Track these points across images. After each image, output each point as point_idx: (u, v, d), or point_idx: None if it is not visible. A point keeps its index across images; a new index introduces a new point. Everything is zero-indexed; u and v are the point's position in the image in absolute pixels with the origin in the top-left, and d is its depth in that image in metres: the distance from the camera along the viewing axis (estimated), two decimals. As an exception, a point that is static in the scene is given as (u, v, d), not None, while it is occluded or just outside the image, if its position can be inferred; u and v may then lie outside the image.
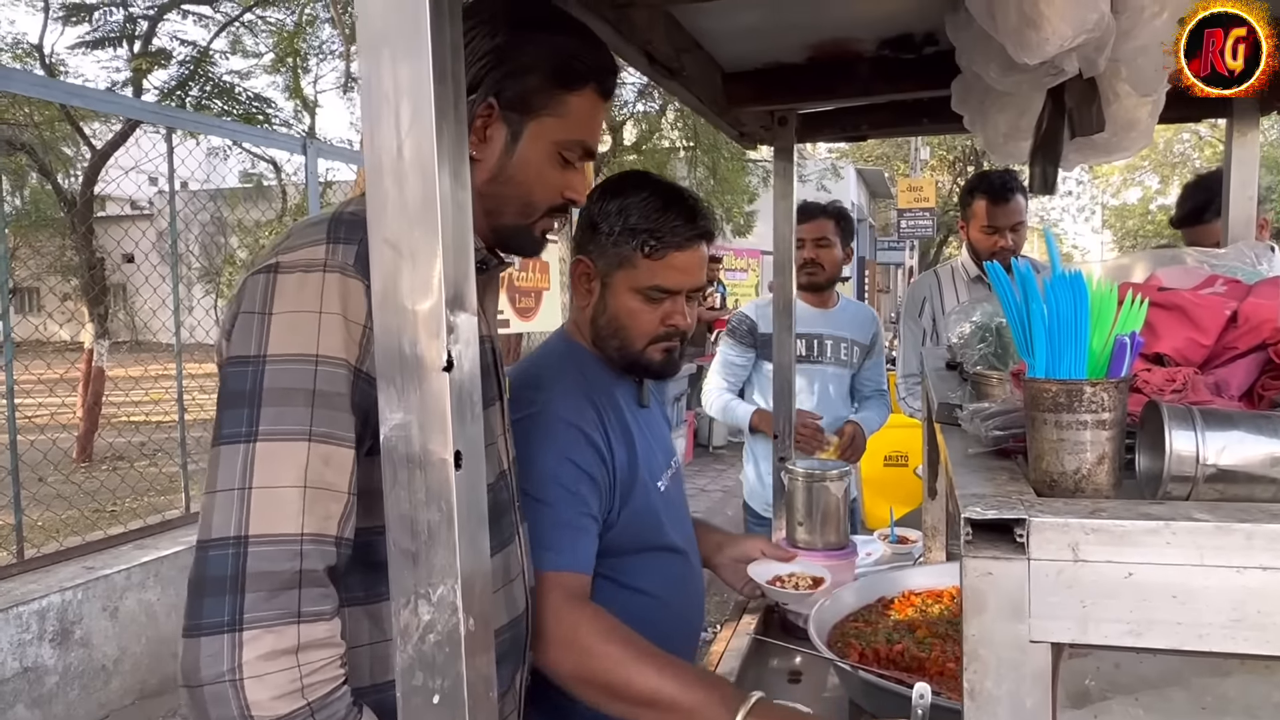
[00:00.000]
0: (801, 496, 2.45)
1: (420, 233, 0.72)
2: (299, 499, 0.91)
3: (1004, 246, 3.05)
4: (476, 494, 0.76)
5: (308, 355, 0.95)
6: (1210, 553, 0.67)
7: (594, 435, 1.47)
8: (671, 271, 1.52)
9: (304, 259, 0.99)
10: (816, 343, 3.37)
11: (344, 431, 0.95)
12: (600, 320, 1.57)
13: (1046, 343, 0.77)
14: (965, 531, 0.72)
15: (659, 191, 1.55)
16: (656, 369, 1.60)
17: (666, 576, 1.62)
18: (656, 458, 1.65)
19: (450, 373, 0.72)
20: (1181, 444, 0.74)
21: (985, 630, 0.72)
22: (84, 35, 10.56)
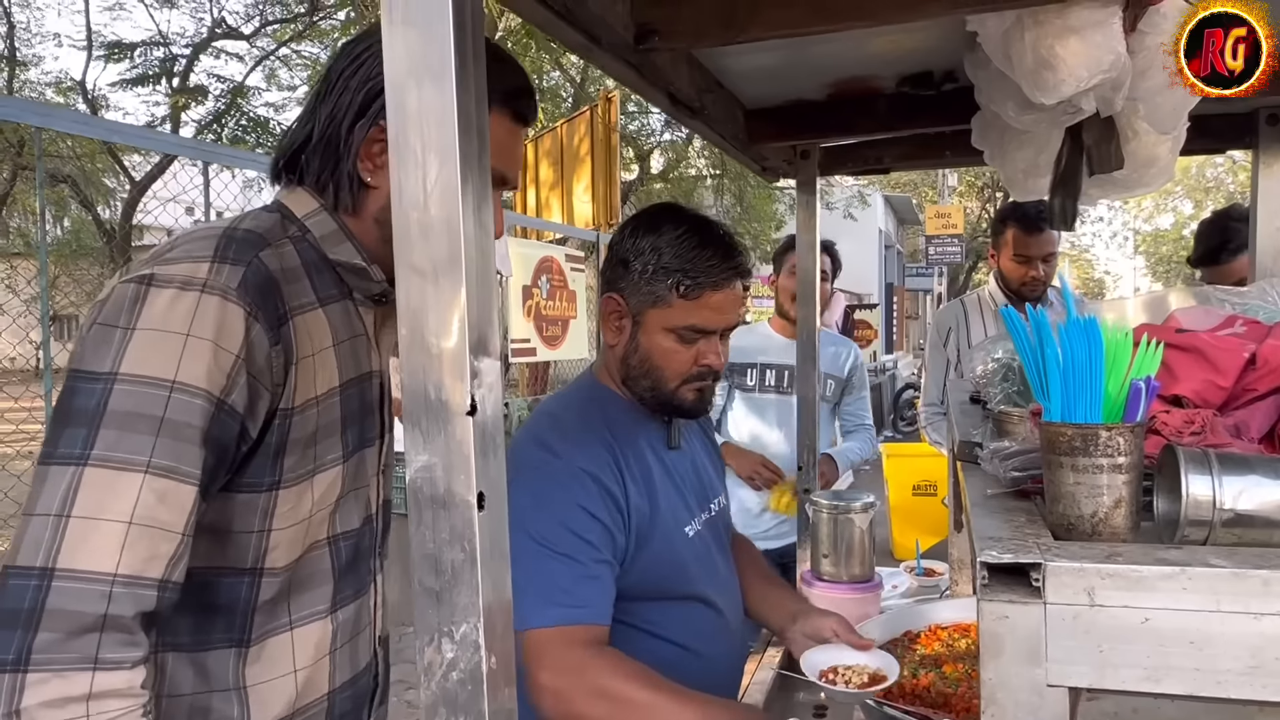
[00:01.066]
0: (826, 528, 2.44)
1: (446, 282, 0.74)
2: (120, 535, 0.84)
3: (1035, 277, 3.02)
4: (499, 534, 0.77)
5: (163, 380, 0.88)
6: (1227, 598, 0.68)
7: (609, 484, 1.44)
8: (706, 311, 1.49)
9: (182, 274, 0.93)
10: (787, 374, 3.37)
11: (189, 467, 0.89)
12: (632, 360, 1.53)
13: (1062, 387, 0.78)
14: (981, 575, 0.72)
15: (694, 228, 1.51)
16: (688, 409, 1.57)
17: (696, 628, 1.57)
18: (686, 502, 1.60)
19: (474, 416, 0.74)
20: (1198, 488, 0.74)
21: (1002, 673, 0.72)
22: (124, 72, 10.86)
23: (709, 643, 1.60)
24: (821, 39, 1.62)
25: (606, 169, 9.66)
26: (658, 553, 1.51)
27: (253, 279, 0.97)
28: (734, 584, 1.74)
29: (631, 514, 1.47)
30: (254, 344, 0.96)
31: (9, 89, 12.34)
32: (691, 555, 1.57)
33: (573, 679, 1.34)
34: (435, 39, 0.73)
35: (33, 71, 13.23)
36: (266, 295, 0.99)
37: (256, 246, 1.00)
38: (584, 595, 1.39)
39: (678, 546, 1.55)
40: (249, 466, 1.01)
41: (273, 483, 1.03)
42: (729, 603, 1.67)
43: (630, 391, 1.57)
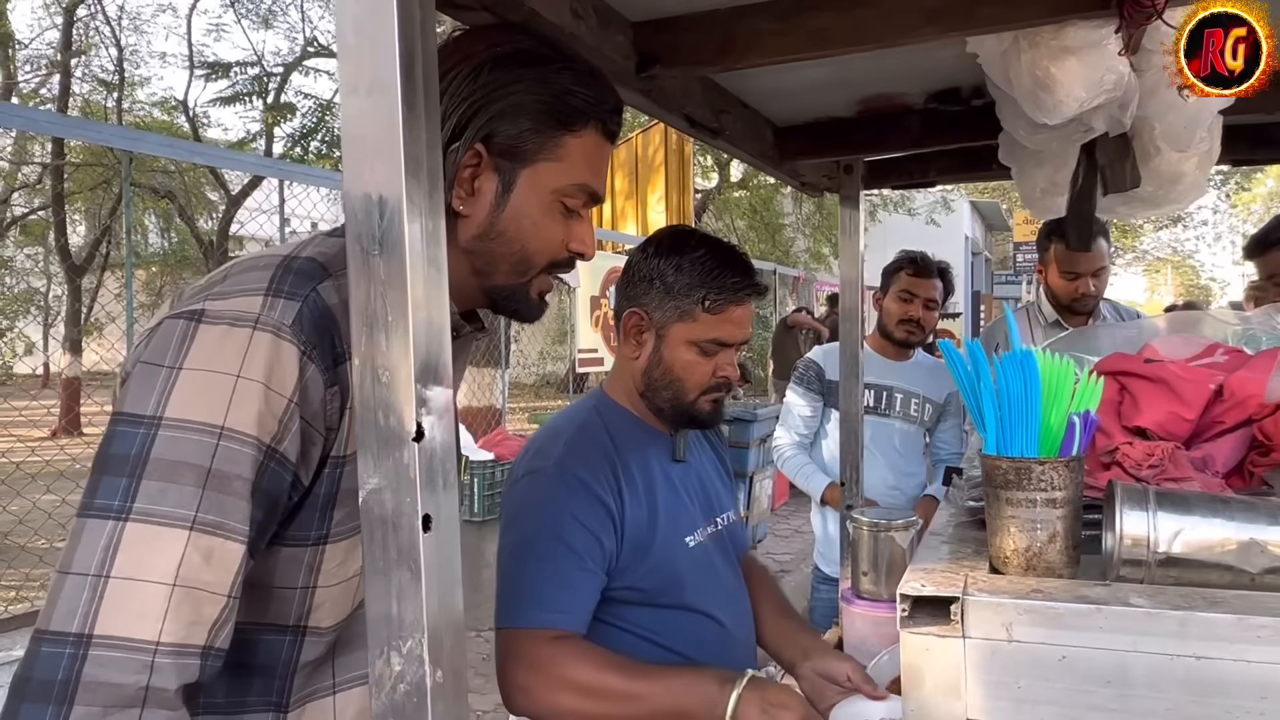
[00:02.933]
0: (867, 546, 2.41)
1: (394, 312, 0.78)
2: (164, 599, 0.77)
3: (1084, 293, 2.92)
4: (447, 554, 0.81)
5: (211, 426, 0.82)
6: (1143, 639, 0.67)
7: (600, 492, 1.49)
8: (728, 325, 1.56)
9: (233, 310, 0.86)
10: (886, 395, 3.28)
11: (237, 523, 0.82)
12: (654, 372, 1.60)
13: (997, 420, 0.78)
14: (902, 607, 0.73)
15: (715, 249, 1.60)
16: (705, 418, 1.63)
17: (697, 639, 1.59)
18: (689, 513, 1.64)
19: (420, 442, 0.78)
20: (1133, 526, 0.74)
21: (924, 706, 0.73)
22: (222, 91, 11.39)
23: (712, 654, 1.62)
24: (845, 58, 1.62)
25: (680, 178, 9.71)
26: (657, 561, 1.55)
27: (309, 315, 0.89)
28: (742, 600, 1.75)
29: (625, 523, 1.51)
30: (308, 386, 0.88)
31: (119, 108, 13.10)
32: (691, 566, 1.60)
33: (539, 674, 1.40)
34: (384, 90, 0.78)
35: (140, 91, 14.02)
36: (323, 332, 0.91)
37: (315, 278, 0.92)
38: (559, 600, 1.43)
39: (677, 556, 1.58)
40: (296, 518, 0.93)
41: (320, 536, 0.95)
42: (733, 617, 1.68)
43: (650, 403, 1.62)
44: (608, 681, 1.39)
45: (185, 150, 3.86)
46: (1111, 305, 3.16)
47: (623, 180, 9.87)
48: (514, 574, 1.47)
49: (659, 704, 1.39)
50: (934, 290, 3.19)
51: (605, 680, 1.39)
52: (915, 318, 3.18)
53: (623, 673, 1.40)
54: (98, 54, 13.06)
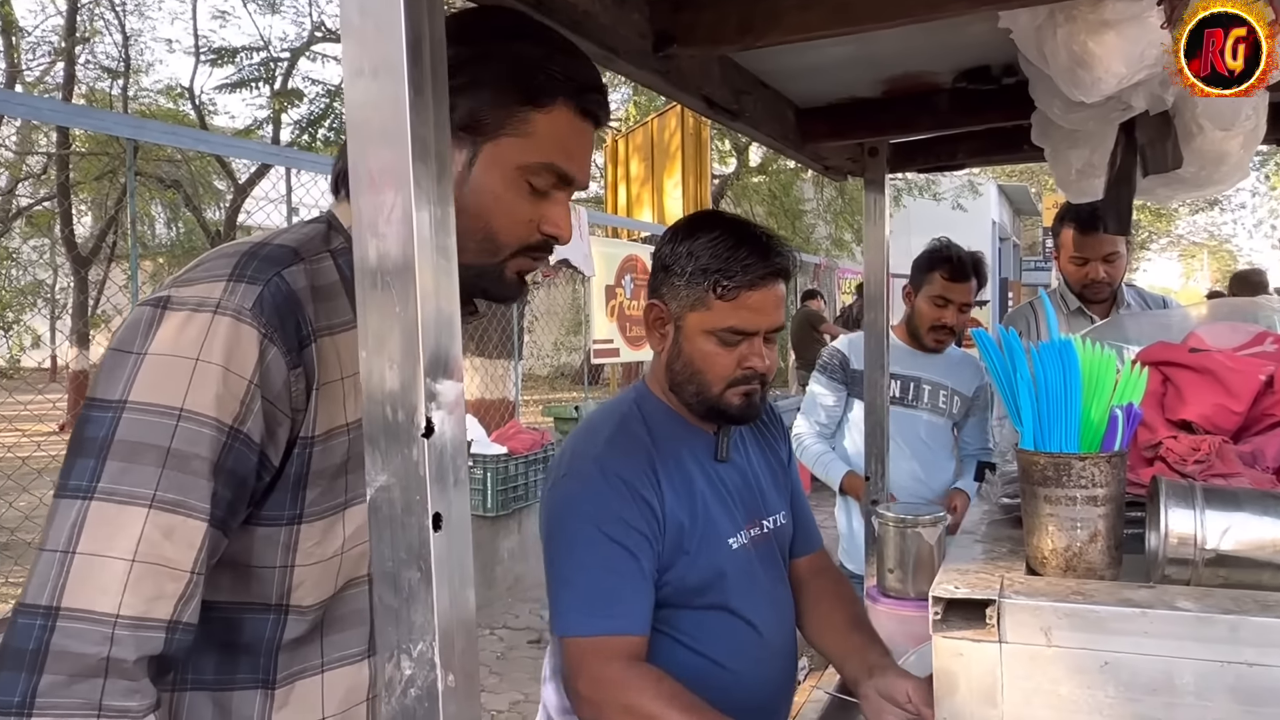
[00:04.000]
0: (893, 543, 2.40)
1: (401, 305, 0.77)
2: (124, 574, 0.82)
3: (1095, 279, 2.87)
4: (459, 554, 0.80)
5: (170, 408, 0.86)
6: (1191, 644, 0.65)
7: (644, 491, 1.46)
8: (745, 312, 1.51)
9: (197, 296, 0.91)
10: (913, 386, 3.23)
11: (197, 500, 0.87)
12: (675, 365, 1.56)
13: (1034, 413, 0.76)
14: (935, 610, 0.71)
15: (730, 230, 1.54)
16: (735, 414, 1.57)
17: (729, 643, 1.57)
18: (733, 514, 1.61)
19: (430, 438, 0.77)
20: (1179, 524, 0.72)
21: (957, 713, 0.71)
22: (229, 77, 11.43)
23: (744, 660, 1.60)
24: (870, 35, 1.59)
25: (697, 164, 9.67)
26: (696, 561, 1.53)
27: (270, 298, 0.93)
28: (784, 607, 1.72)
29: (667, 523, 1.49)
30: (270, 368, 0.93)
31: (124, 96, 13.17)
32: (732, 568, 1.58)
33: (607, 693, 1.39)
34: (391, 71, 0.76)
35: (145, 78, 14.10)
36: (286, 315, 0.95)
37: (281, 263, 0.97)
38: (623, 606, 1.43)
39: (718, 558, 1.56)
40: (269, 498, 0.97)
41: (294, 516, 0.99)
42: (772, 624, 1.64)
43: (678, 398, 1.59)
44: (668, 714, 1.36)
45: (190, 138, 3.87)
46: (1136, 292, 3.12)
47: (639, 166, 9.84)
48: (567, 579, 1.45)
49: None
50: (969, 294, 3.12)
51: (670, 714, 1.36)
52: (949, 325, 3.13)
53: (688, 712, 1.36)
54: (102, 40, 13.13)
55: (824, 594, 1.83)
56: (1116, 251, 2.86)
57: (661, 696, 1.37)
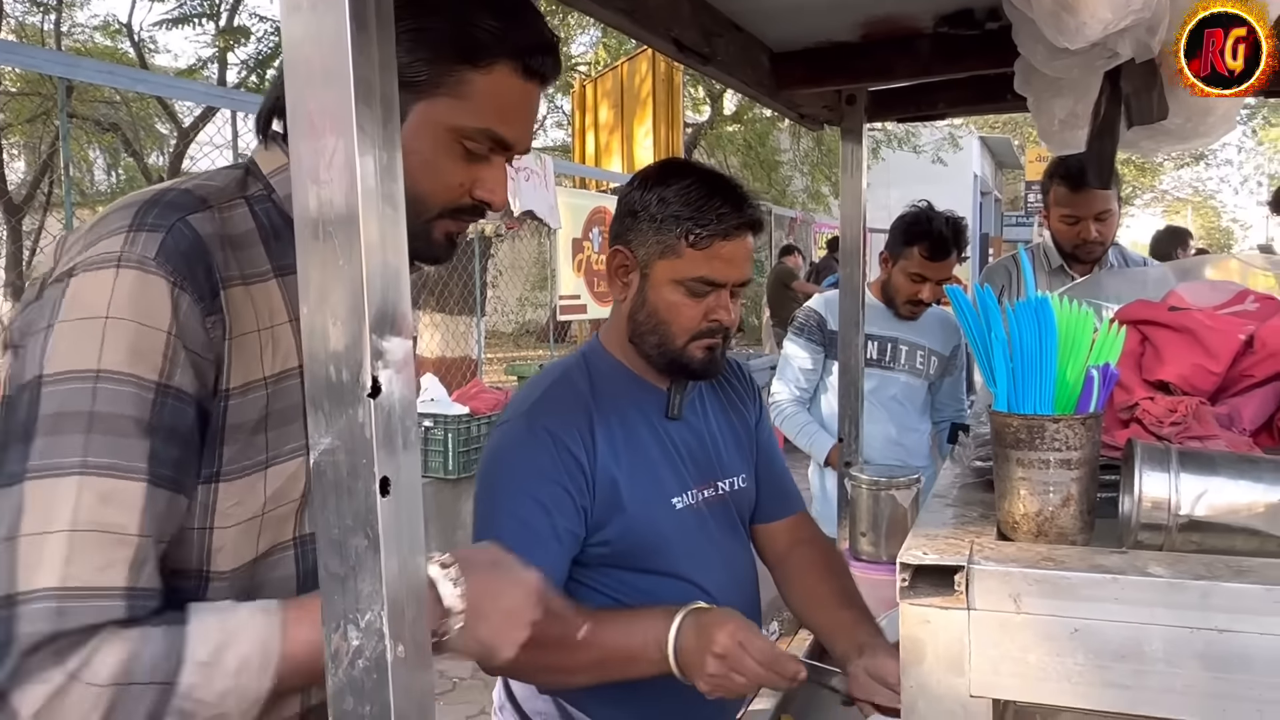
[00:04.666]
0: (866, 505, 2.42)
1: (345, 258, 0.75)
2: (66, 546, 0.82)
3: (1086, 239, 2.88)
4: (409, 520, 0.79)
5: (85, 371, 0.85)
6: (1162, 611, 0.66)
7: (572, 445, 1.48)
8: (716, 262, 1.52)
9: (98, 255, 0.88)
10: (890, 347, 3.24)
11: (131, 461, 0.86)
12: (639, 315, 1.57)
13: (1008, 374, 0.76)
14: (902, 577, 0.72)
15: (703, 179, 1.55)
16: (697, 368, 1.59)
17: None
18: (681, 473, 1.61)
19: (377, 398, 0.76)
20: (1153, 488, 0.72)
21: (924, 681, 0.72)
22: (169, 12, 11.12)
23: None
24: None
25: (669, 111, 9.58)
26: (634, 521, 1.54)
27: (174, 244, 0.92)
28: (739, 570, 1.73)
29: (597, 480, 1.51)
30: (185, 317, 0.92)
31: (56, 31, 12.77)
32: (675, 529, 1.59)
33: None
34: (332, 5, 0.74)
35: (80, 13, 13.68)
36: (195, 261, 0.93)
37: (183, 209, 0.95)
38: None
39: (660, 517, 1.57)
40: None
41: (210, 474, 0.97)
42: (727, 588, 1.66)
43: (638, 350, 1.60)
44: (553, 630, 1.40)
45: (128, 78, 3.75)
46: (1119, 250, 3.14)
47: (608, 113, 9.74)
48: (483, 532, 1.48)
49: (606, 648, 1.41)
50: (948, 270, 3.11)
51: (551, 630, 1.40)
52: (924, 299, 3.14)
53: (569, 621, 1.40)
54: (32, -29, 12.71)
55: (810, 565, 1.82)
56: (1109, 210, 2.86)
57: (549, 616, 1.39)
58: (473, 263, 6.65)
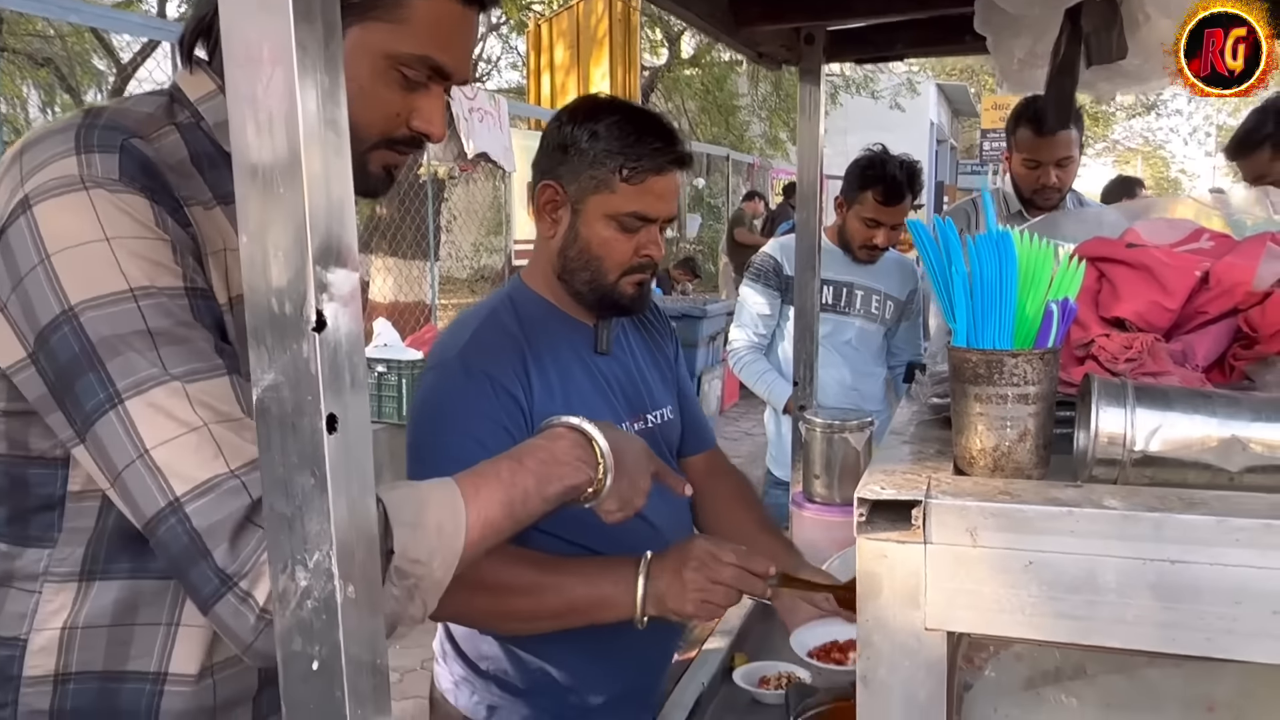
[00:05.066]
0: (820, 448, 2.44)
1: (285, 185, 0.72)
2: (206, 440, 0.83)
3: (1046, 184, 2.90)
4: (357, 458, 0.77)
5: (119, 293, 0.84)
6: (1115, 543, 0.66)
7: (510, 386, 1.49)
8: (650, 197, 1.53)
9: (54, 180, 0.85)
10: (845, 292, 3.25)
11: (207, 361, 0.86)
12: (570, 251, 1.57)
13: (968, 308, 0.75)
14: (859, 511, 0.71)
15: (633, 115, 1.56)
16: (627, 303, 1.61)
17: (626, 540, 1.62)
18: (614, 406, 1.63)
19: (322, 333, 0.73)
20: (1109, 423, 0.72)
21: (880, 615, 0.72)
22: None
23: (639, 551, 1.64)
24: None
25: (626, 52, 9.43)
26: None
27: (131, 163, 0.89)
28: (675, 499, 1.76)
29: (535, 416, 1.51)
30: (171, 226, 0.90)
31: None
32: None
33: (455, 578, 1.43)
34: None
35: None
36: (155, 176, 0.90)
37: (124, 132, 0.91)
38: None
39: None
40: None
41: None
42: (665, 517, 1.69)
43: (568, 286, 1.60)
44: (519, 576, 1.41)
45: (60, 7, 3.58)
46: (1077, 197, 3.16)
47: (564, 53, 9.56)
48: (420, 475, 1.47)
49: (572, 593, 1.42)
50: (902, 215, 3.11)
51: (516, 575, 1.41)
52: (880, 244, 3.15)
53: (534, 566, 1.42)
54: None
55: (726, 496, 1.88)
56: (1070, 156, 2.88)
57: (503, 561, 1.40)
58: (426, 205, 6.54)
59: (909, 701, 0.72)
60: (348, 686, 0.77)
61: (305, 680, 0.78)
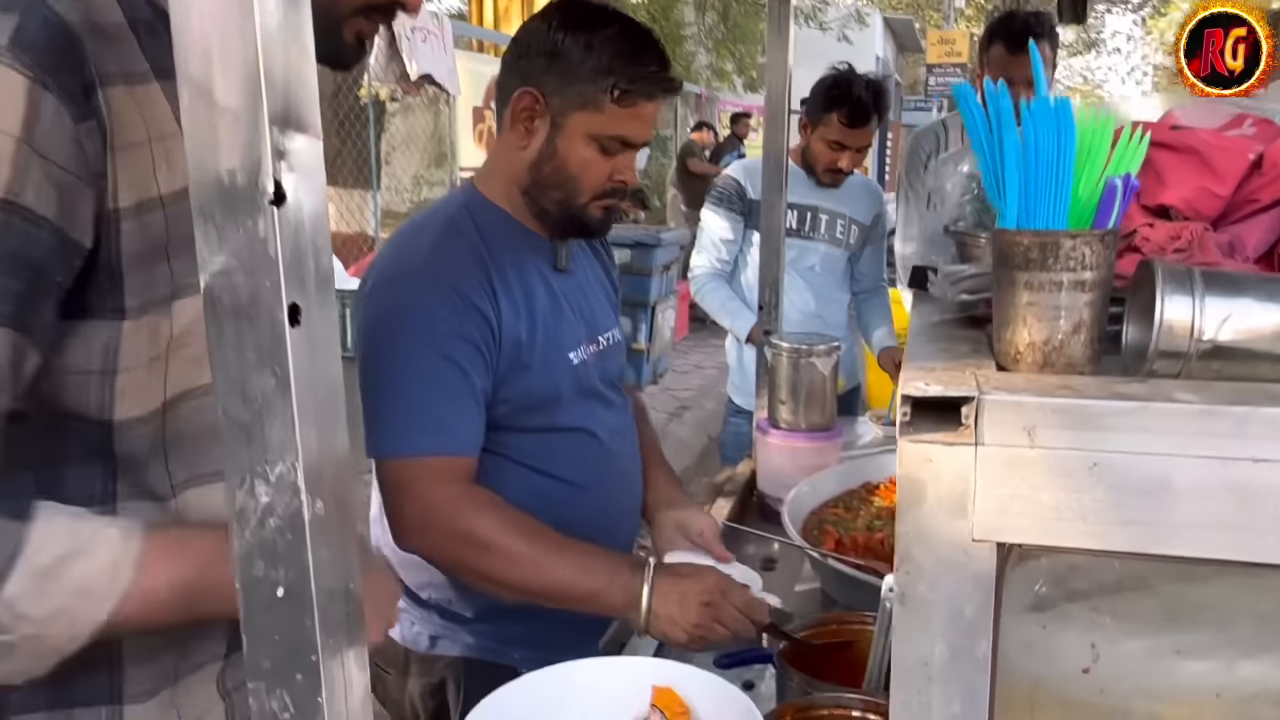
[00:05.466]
0: (785, 373, 2.39)
1: (232, 35, 0.61)
2: None
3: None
4: (323, 357, 0.67)
5: None
6: (1193, 441, 0.59)
7: (478, 301, 1.41)
8: (636, 122, 1.45)
9: None
10: (810, 216, 3.17)
11: None
12: (545, 167, 1.47)
13: (1021, 185, 0.67)
14: (903, 411, 0.63)
15: (631, 30, 1.46)
16: (594, 226, 1.55)
17: (581, 461, 1.57)
18: (573, 328, 1.57)
19: (281, 207, 0.62)
20: (1175, 312, 0.65)
21: (921, 526, 0.65)
22: None
23: (594, 476, 1.61)
24: None
25: (572, -24, 9.12)
26: (537, 379, 1.49)
27: (34, 30, 0.76)
28: (625, 417, 1.72)
29: (503, 337, 1.44)
30: (47, 121, 0.77)
31: None
32: (574, 383, 1.56)
33: (438, 516, 1.35)
34: None
35: None
36: (64, 53, 0.79)
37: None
38: (453, 424, 1.38)
39: (559, 372, 1.53)
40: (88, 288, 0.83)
41: (115, 310, 0.85)
42: (617, 434, 1.65)
43: (534, 203, 1.52)
44: (514, 544, 1.35)
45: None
46: None
47: (510, -26, 9.23)
48: (389, 394, 1.38)
49: (564, 577, 1.35)
50: (868, 138, 3.04)
51: (511, 541, 1.35)
52: (844, 169, 3.06)
53: (530, 537, 1.36)
54: None
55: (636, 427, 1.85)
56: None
57: (498, 521, 1.35)
58: (366, 131, 6.29)
59: (953, 620, 0.65)
60: (318, 614, 0.68)
61: (269, 608, 0.69)
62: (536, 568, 1.34)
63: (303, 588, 0.68)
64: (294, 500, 0.67)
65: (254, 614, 0.69)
